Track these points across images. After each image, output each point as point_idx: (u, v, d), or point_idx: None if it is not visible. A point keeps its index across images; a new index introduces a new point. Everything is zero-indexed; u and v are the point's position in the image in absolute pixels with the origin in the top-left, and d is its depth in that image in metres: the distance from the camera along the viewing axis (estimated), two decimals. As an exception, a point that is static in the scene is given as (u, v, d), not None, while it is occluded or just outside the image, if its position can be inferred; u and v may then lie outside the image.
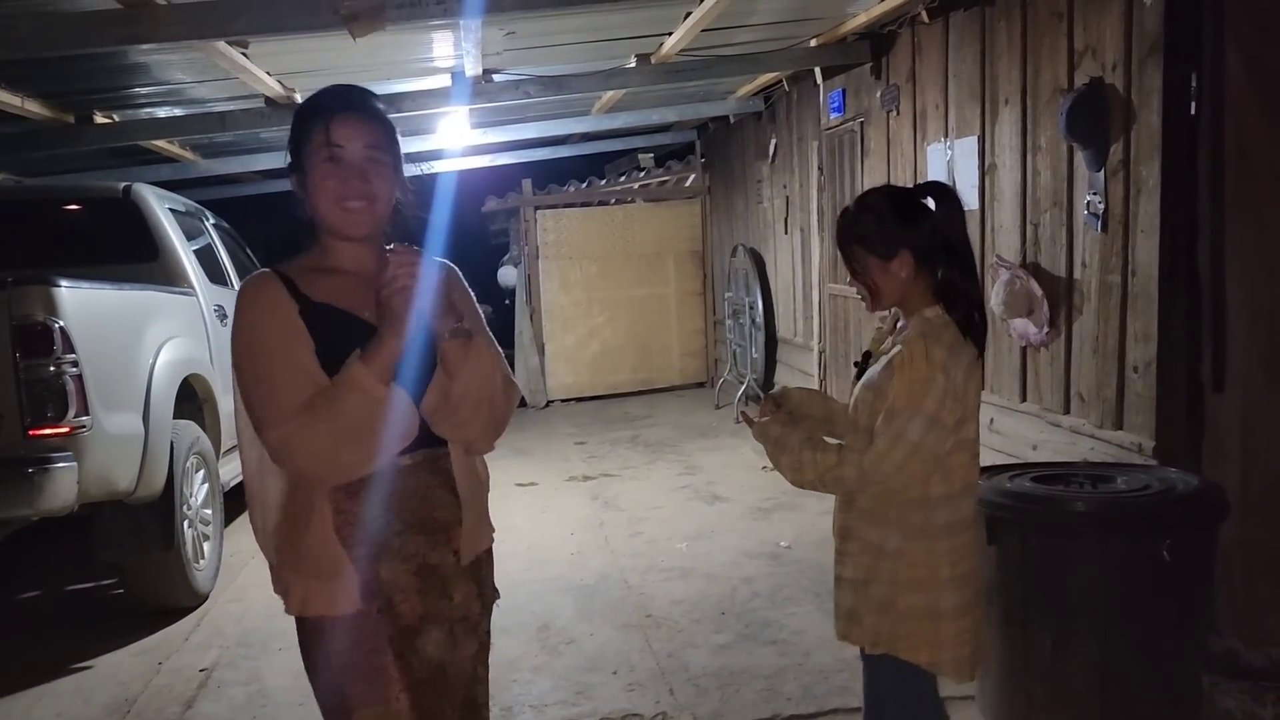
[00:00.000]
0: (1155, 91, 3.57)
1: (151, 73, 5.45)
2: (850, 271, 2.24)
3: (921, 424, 2.05)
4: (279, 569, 1.78)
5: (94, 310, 4.05)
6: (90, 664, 4.10)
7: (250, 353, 1.70)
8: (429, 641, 1.75)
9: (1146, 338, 3.69)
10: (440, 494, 1.79)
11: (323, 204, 1.73)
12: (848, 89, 6.70)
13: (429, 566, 1.76)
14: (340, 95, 1.78)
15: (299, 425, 1.61)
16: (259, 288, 1.74)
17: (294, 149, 1.77)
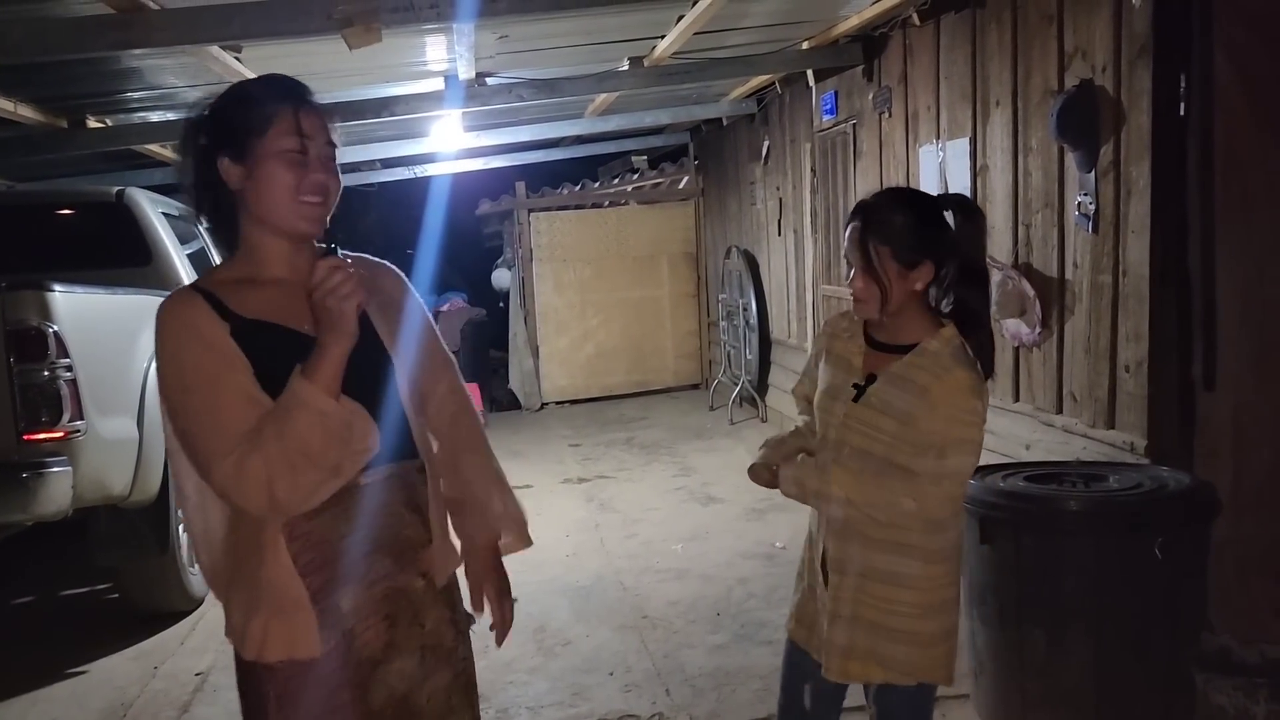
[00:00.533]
0: (1145, 93, 3.59)
1: (144, 77, 5.45)
2: (861, 268, 2.02)
3: (974, 456, 1.99)
4: (230, 609, 1.60)
5: (88, 315, 4.05)
6: (85, 669, 4.10)
7: (181, 384, 1.51)
8: (391, 672, 1.61)
9: (1138, 337, 3.71)
10: (405, 513, 1.66)
11: (276, 198, 1.57)
12: (840, 91, 6.73)
13: (397, 590, 1.63)
14: (297, 85, 1.63)
15: (245, 454, 1.45)
16: (181, 310, 1.55)
17: (232, 138, 1.57)
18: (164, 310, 1.56)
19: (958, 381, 1.95)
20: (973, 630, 3.12)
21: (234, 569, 1.59)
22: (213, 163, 1.59)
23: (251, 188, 1.58)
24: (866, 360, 2.09)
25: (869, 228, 2.00)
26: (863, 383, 2.05)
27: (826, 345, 2.19)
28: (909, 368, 2.01)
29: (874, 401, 2.02)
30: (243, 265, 1.63)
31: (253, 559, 1.55)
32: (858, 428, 2.04)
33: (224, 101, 1.62)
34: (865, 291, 2.02)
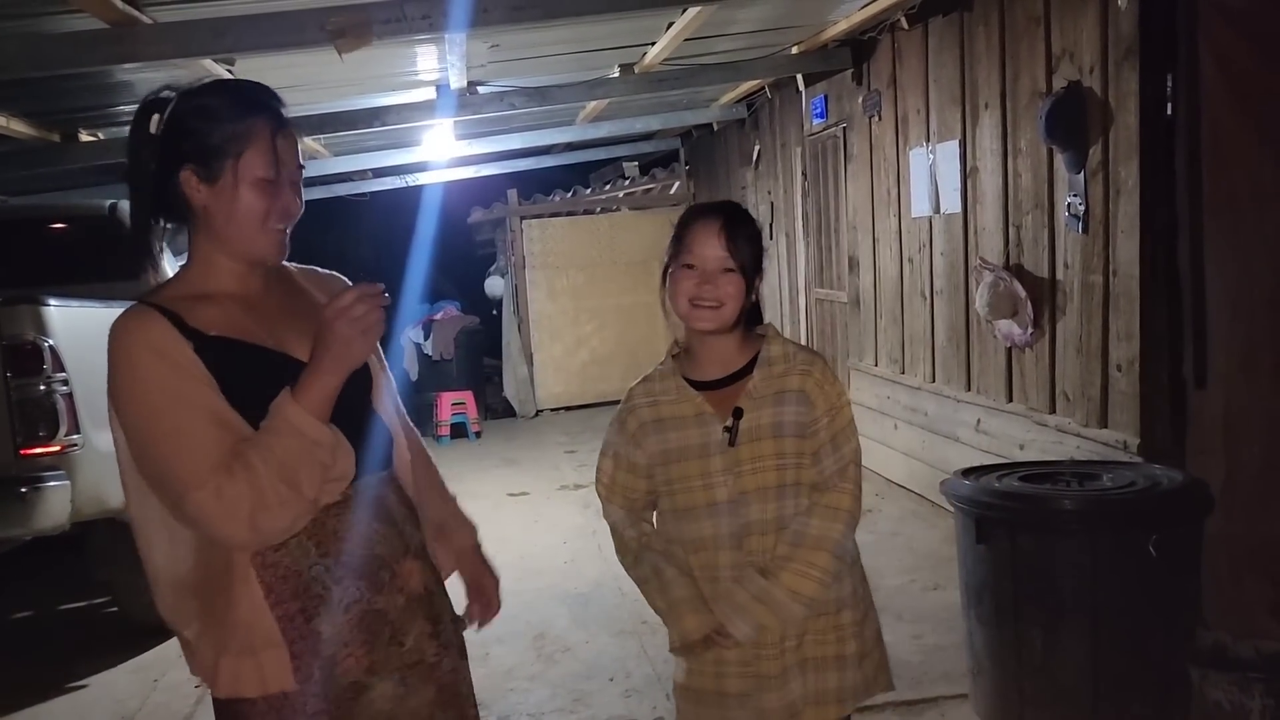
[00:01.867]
0: (1132, 94, 3.63)
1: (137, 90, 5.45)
2: (728, 269, 1.83)
3: (857, 436, 1.92)
4: (197, 646, 1.51)
5: (83, 328, 4.04)
6: (85, 683, 4.09)
7: (147, 407, 1.42)
8: (377, 696, 1.54)
9: (1129, 336, 3.74)
10: (375, 528, 1.57)
11: (244, 224, 1.49)
12: (830, 95, 6.76)
13: (374, 613, 1.54)
14: (273, 102, 1.54)
15: (226, 480, 1.37)
16: (140, 329, 1.45)
17: (201, 154, 1.48)
18: (120, 329, 1.45)
19: (822, 371, 1.88)
20: (970, 630, 3.14)
21: (202, 605, 1.49)
22: (173, 172, 1.49)
23: (217, 209, 1.49)
24: (712, 403, 1.87)
25: (735, 227, 1.85)
26: (730, 423, 1.84)
27: (651, 417, 1.91)
28: (773, 380, 1.86)
29: (758, 431, 1.83)
30: (194, 280, 1.54)
31: (221, 595, 1.47)
32: (748, 469, 1.83)
33: (194, 110, 1.50)
34: (732, 295, 1.83)
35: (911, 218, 5.61)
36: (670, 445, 1.88)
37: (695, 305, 1.84)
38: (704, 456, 1.85)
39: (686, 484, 1.87)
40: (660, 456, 1.89)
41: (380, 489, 1.62)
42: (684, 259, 1.87)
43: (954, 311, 5.17)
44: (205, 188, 1.49)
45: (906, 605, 4.08)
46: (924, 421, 5.48)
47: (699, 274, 1.84)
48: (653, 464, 1.91)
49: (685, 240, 1.88)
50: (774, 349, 1.89)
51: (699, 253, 1.84)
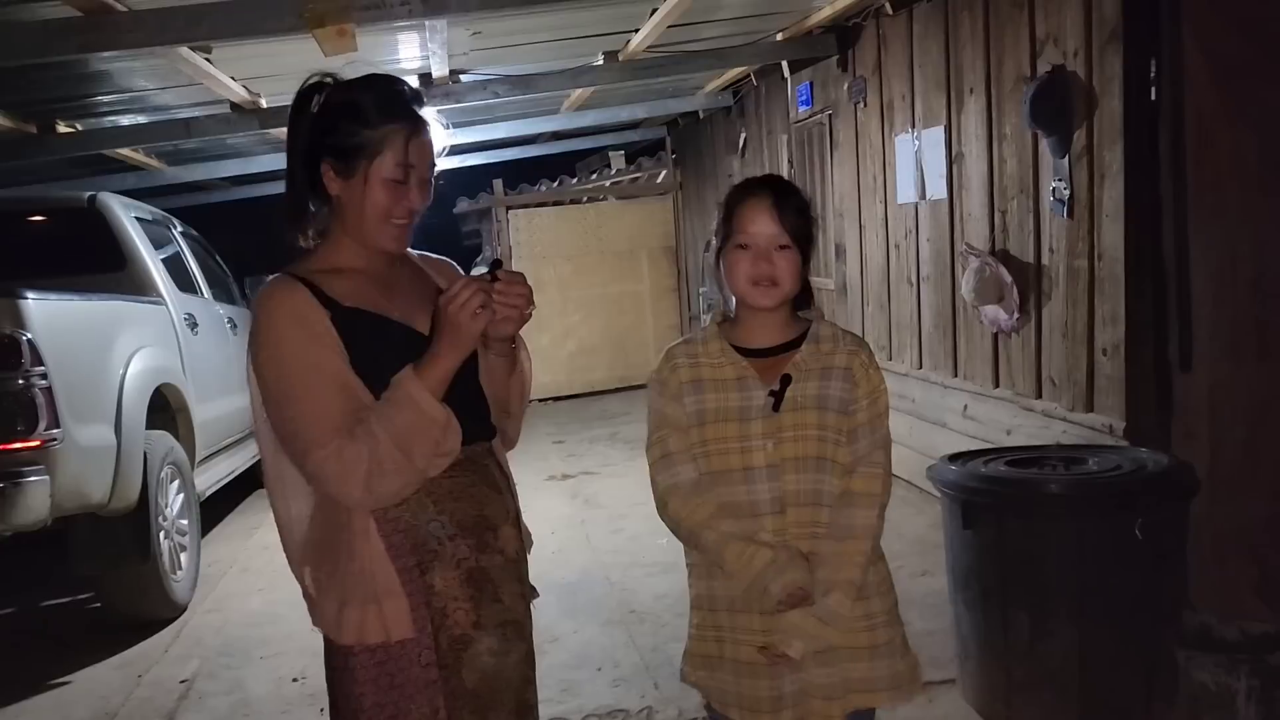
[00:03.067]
0: (1116, 78, 3.62)
1: (114, 80, 5.40)
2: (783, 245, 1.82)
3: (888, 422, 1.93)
4: (320, 598, 1.64)
5: (62, 322, 4.01)
6: (69, 679, 4.06)
7: (281, 368, 1.56)
8: (483, 649, 1.65)
9: (1114, 321, 3.74)
10: (484, 491, 1.70)
11: (368, 218, 1.63)
12: (815, 82, 6.74)
13: (480, 570, 1.66)
14: (412, 106, 1.65)
15: (346, 443, 1.51)
16: (283, 294, 1.59)
17: (340, 151, 1.61)
18: (267, 296, 1.60)
19: (869, 355, 1.90)
20: (957, 615, 3.14)
21: (323, 559, 1.62)
22: (316, 164, 1.64)
23: (348, 201, 1.63)
24: (759, 370, 1.86)
25: (785, 201, 1.83)
26: (777, 388, 1.83)
27: (690, 377, 1.89)
28: (820, 356, 1.86)
29: (803, 400, 1.82)
30: (329, 256, 1.67)
31: (344, 548, 1.60)
32: (790, 437, 1.82)
33: (341, 107, 1.63)
34: (789, 270, 1.82)
35: (897, 204, 5.60)
36: (706, 406, 1.87)
37: (754, 284, 1.83)
38: (744, 420, 1.84)
39: (722, 445, 1.85)
40: (695, 417, 1.88)
41: (487, 457, 1.74)
42: (737, 239, 1.85)
43: (940, 298, 5.17)
44: (340, 181, 1.63)
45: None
46: (911, 408, 5.48)
47: (753, 252, 1.83)
48: (688, 424, 1.89)
49: (736, 220, 1.86)
50: (824, 329, 1.91)
51: (752, 231, 1.84)
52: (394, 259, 1.73)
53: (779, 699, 1.84)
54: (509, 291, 1.59)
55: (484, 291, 1.56)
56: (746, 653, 1.86)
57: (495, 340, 1.69)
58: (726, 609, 1.89)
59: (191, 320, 5.39)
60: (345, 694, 1.64)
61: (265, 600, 4.71)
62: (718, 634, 1.91)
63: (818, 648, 1.81)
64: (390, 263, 1.72)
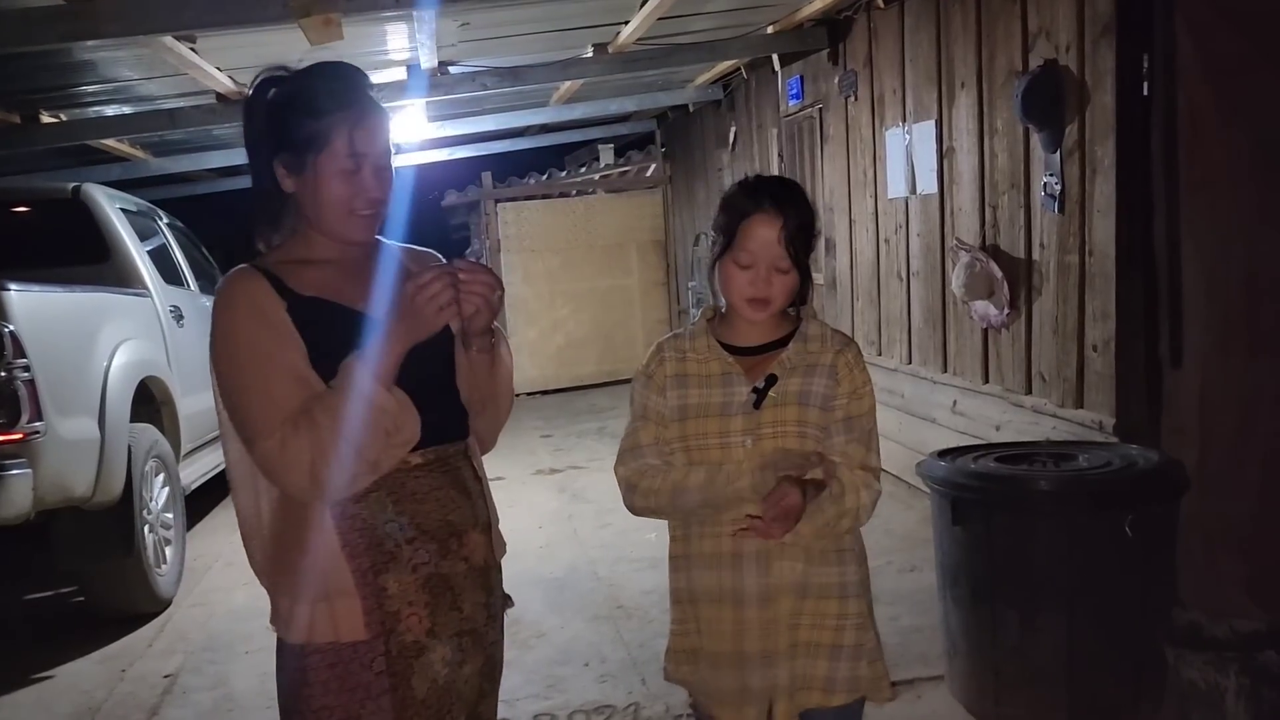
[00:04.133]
0: (1108, 72, 3.60)
1: (98, 70, 5.34)
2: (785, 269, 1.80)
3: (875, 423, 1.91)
4: (274, 593, 1.63)
5: (45, 314, 3.96)
6: (51, 673, 4.02)
7: (234, 358, 1.55)
8: (436, 658, 1.61)
9: (1105, 316, 3.73)
10: (452, 495, 1.66)
11: (329, 211, 1.60)
12: (806, 76, 6.72)
13: (439, 576, 1.61)
14: (359, 92, 1.61)
15: (291, 434, 1.48)
16: (241, 286, 1.59)
17: (288, 148, 1.58)
18: (226, 285, 1.59)
19: (855, 355, 1.88)
20: (945, 611, 3.13)
21: (280, 554, 1.60)
22: (269, 163, 1.61)
23: (304, 197, 1.60)
24: (746, 368, 1.86)
25: (792, 223, 1.79)
26: (761, 386, 1.83)
27: (676, 371, 1.89)
28: (807, 355, 1.85)
29: (784, 397, 1.82)
30: (296, 248, 1.65)
31: (299, 544, 1.56)
32: (769, 433, 1.81)
33: (283, 102, 1.60)
34: (787, 290, 1.81)
35: (888, 199, 5.59)
36: (689, 401, 1.87)
37: (748, 301, 1.81)
38: (724, 415, 1.84)
39: (702, 441, 1.85)
40: (677, 412, 1.87)
41: (459, 459, 1.70)
42: (739, 256, 1.80)
43: (930, 293, 5.16)
44: (293, 178, 1.60)
45: (882, 587, 4.06)
46: (900, 403, 5.47)
47: (753, 274, 1.79)
48: (669, 418, 1.89)
49: (741, 236, 1.80)
50: (812, 328, 1.89)
51: (755, 251, 1.79)
52: (369, 249, 1.70)
53: (743, 692, 1.84)
54: (473, 280, 1.53)
55: (452, 286, 1.51)
56: (716, 644, 1.86)
57: (473, 335, 1.65)
58: (706, 600, 1.87)
59: (177, 312, 5.34)
60: (293, 694, 1.61)
61: (250, 595, 4.67)
62: (698, 625, 1.90)
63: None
64: (367, 254, 1.69)
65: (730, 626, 1.84)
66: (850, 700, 1.87)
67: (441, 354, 1.66)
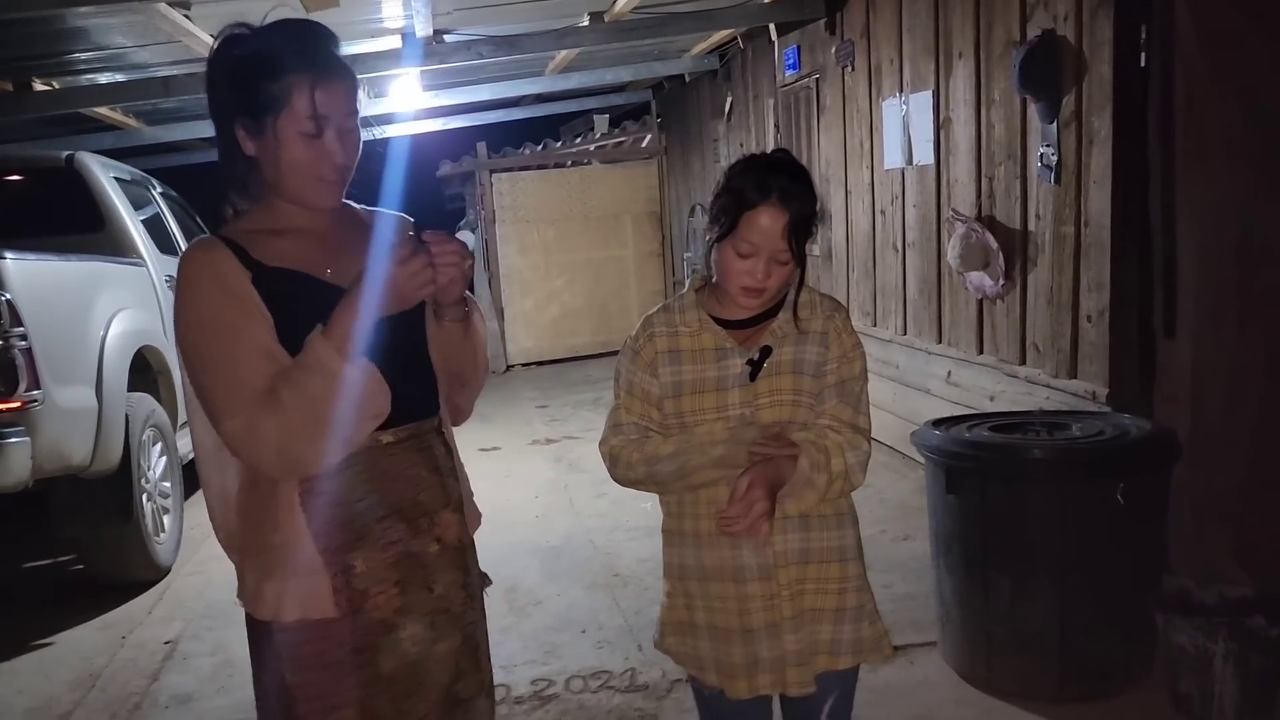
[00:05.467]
0: (1106, 43, 3.60)
1: (91, 37, 5.30)
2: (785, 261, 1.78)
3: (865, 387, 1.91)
4: (242, 568, 1.59)
5: (41, 282, 3.96)
6: (51, 640, 4.05)
7: (199, 333, 1.49)
8: (404, 638, 1.59)
9: (1099, 287, 3.74)
10: (423, 474, 1.62)
11: (292, 176, 1.53)
12: (802, 45, 6.68)
13: (410, 555, 1.59)
14: (321, 51, 1.53)
15: (259, 413, 1.43)
16: (203, 257, 1.51)
17: (247, 109, 1.51)
18: (187, 258, 1.53)
19: (844, 320, 1.88)
20: (939, 578, 3.16)
21: (248, 530, 1.57)
22: (230, 126, 1.54)
23: (266, 161, 1.53)
24: (739, 340, 1.86)
25: (797, 217, 1.77)
26: (755, 357, 1.83)
27: (668, 347, 1.88)
28: (797, 321, 1.86)
29: (779, 367, 1.82)
30: (262, 217, 1.58)
31: (267, 520, 1.53)
32: (766, 403, 1.82)
33: (241, 62, 1.52)
34: (779, 282, 1.81)
35: (884, 169, 5.58)
36: (684, 377, 1.86)
37: (744, 290, 1.80)
38: (721, 389, 1.83)
39: (699, 416, 1.84)
40: (672, 388, 1.86)
41: (433, 436, 1.66)
42: (740, 245, 1.78)
43: (926, 264, 5.16)
44: (253, 141, 1.53)
45: (876, 556, 4.11)
46: (895, 374, 5.49)
47: (753, 262, 1.77)
48: (663, 395, 1.87)
49: (744, 226, 1.77)
50: (802, 295, 1.88)
51: (757, 243, 1.76)
52: (338, 215, 1.63)
53: (754, 664, 1.84)
54: (443, 251, 1.48)
55: (429, 261, 1.47)
56: (721, 620, 1.86)
57: (447, 306, 1.60)
58: (697, 578, 1.88)
59: (173, 282, 5.33)
60: (268, 669, 1.58)
61: (249, 563, 4.70)
62: (688, 601, 1.91)
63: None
64: (337, 221, 1.63)
65: (734, 604, 1.84)
66: (855, 663, 1.90)
67: (412, 327, 1.61)
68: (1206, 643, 2.72)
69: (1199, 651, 2.73)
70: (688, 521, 1.89)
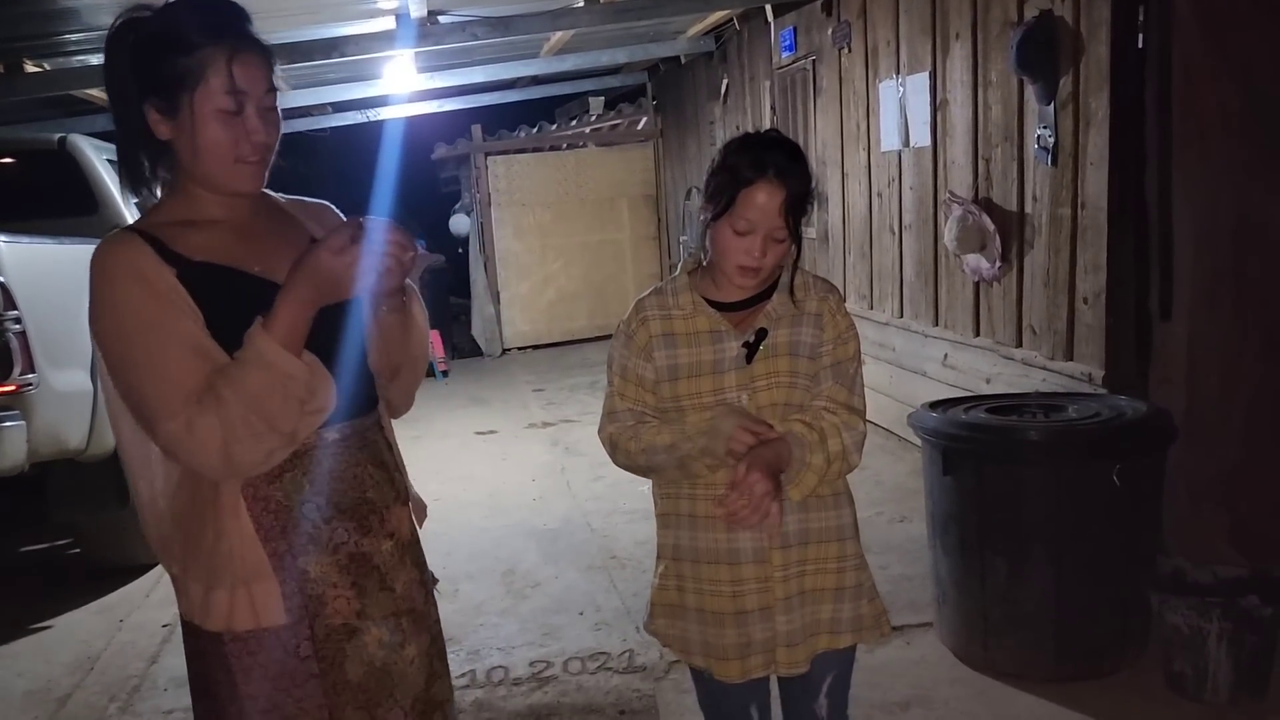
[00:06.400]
0: (1103, 24, 3.58)
1: (82, 18, 5.25)
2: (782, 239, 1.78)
3: (860, 368, 1.92)
4: (185, 580, 1.49)
5: (35, 266, 3.93)
6: (50, 624, 4.06)
7: (122, 333, 1.39)
8: (368, 642, 1.53)
9: (1096, 269, 3.74)
10: (370, 471, 1.57)
11: (210, 159, 1.43)
12: (799, 27, 6.66)
13: (361, 555, 1.53)
14: (233, 24, 1.44)
15: (198, 412, 1.34)
16: (119, 254, 1.41)
17: (158, 87, 1.41)
18: (101, 254, 1.42)
19: (838, 301, 1.88)
20: (935, 560, 3.18)
21: (188, 538, 1.47)
22: (139, 109, 1.44)
23: (182, 144, 1.44)
24: (733, 322, 1.85)
25: (793, 194, 1.77)
26: (751, 340, 1.82)
27: (662, 330, 1.87)
28: (791, 303, 1.85)
29: (776, 349, 1.82)
30: (178, 207, 1.49)
31: (209, 527, 1.45)
32: (764, 385, 1.82)
33: (149, 39, 1.43)
34: (775, 260, 1.80)
35: (881, 152, 5.57)
36: (679, 361, 1.84)
37: (741, 269, 1.79)
38: (717, 373, 1.83)
39: (697, 400, 1.83)
40: (668, 372, 1.85)
41: (374, 432, 1.60)
42: (736, 223, 1.77)
43: (922, 246, 5.16)
44: (167, 122, 1.44)
45: (873, 537, 4.12)
46: (892, 357, 5.50)
47: (749, 240, 1.77)
48: (659, 379, 1.86)
49: (741, 203, 1.76)
50: (796, 277, 1.88)
51: (754, 220, 1.76)
52: (257, 206, 1.55)
53: (747, 645, 1.84)
54: (381, 241, 1.40)
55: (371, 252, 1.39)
56: (713, 603, 1.85)
57: (384, 296, 1.51)
58: (691, 560, 1.87)
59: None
60: (214, 681, 1.51)
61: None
62: (679, 583, 1.90)
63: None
64: (254, 210, 1.54)
65: (728, 586, 1.84)
66: (854, 641, 1.91)
67: (348, 319, 1.52)
68: (1201, 622, 2.74)
69: (1193, 631, 2.75)
70: (684, 504, 1.89)
